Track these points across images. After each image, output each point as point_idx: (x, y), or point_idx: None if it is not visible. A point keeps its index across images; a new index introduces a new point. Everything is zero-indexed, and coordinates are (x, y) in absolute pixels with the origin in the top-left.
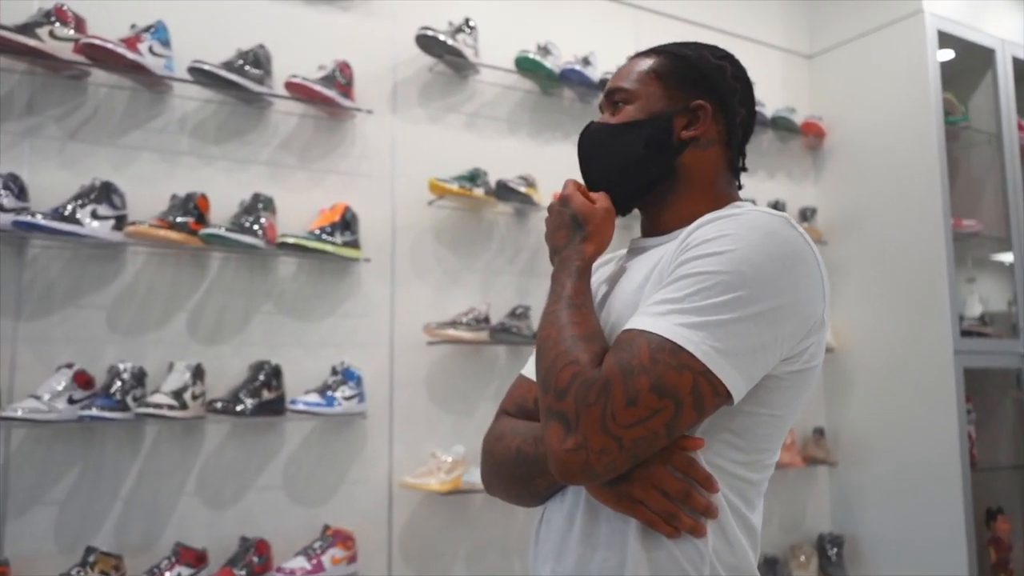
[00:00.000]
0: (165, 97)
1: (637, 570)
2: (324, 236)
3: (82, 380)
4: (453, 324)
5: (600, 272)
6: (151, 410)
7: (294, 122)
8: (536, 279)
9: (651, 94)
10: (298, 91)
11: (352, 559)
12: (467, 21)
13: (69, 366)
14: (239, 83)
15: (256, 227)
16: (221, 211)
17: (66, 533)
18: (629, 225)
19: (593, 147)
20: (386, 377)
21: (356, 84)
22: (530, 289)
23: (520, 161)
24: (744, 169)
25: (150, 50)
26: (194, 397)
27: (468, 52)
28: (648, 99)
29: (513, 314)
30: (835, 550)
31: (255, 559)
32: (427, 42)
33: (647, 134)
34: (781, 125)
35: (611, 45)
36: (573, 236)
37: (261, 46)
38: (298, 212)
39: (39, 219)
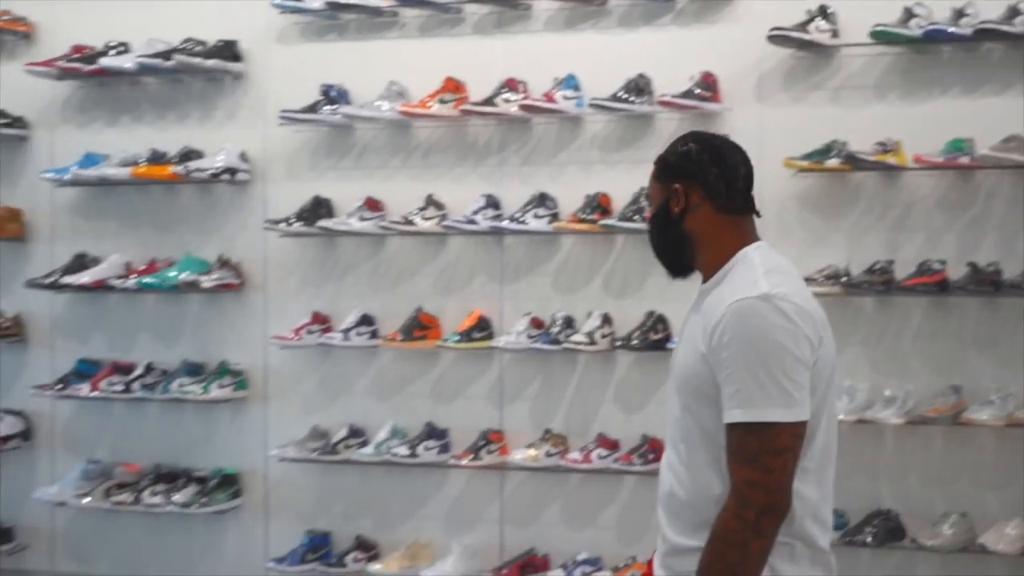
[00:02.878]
0: (579, 123)
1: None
2: None
3: (536, 323)
4: (807, 281)
5: (692, 303)
6: (571, 345)
7: (674, 125)
8: (907, 233)
9: (654, 193)
10: (668, 106)
11: None
12: (823, 8)
13: (527, 314)
14: (625, 109)
15: (636, 216)
16: (623, 202)
17: (535, 418)
18: None
19: (649, 237)
20: None
21: (724, 81)
22: (900, 243)
23: (888, 125)
24: (750, 204)
25: (563, 97)
26: (603, 336)
27: (824, 37)
28: (654, 197)
29: (871, 270)
30: None
31: (650, 453)
32: (779, 40)
33: (658, 223)
34: None
35: None
36: None
37: (642, 75)
38: None
39: (504, 223)
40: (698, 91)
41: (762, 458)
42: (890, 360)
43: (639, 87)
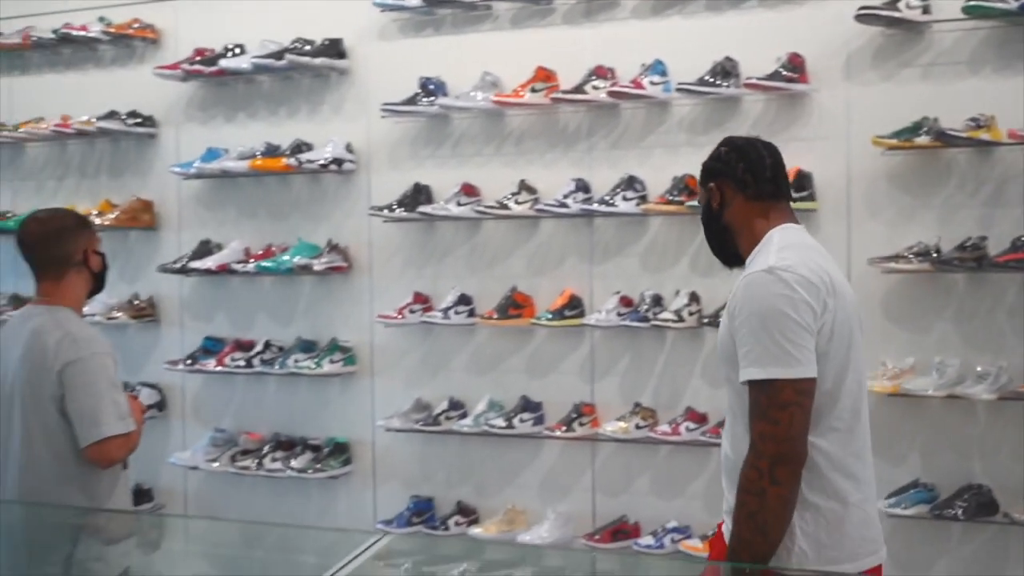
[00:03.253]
0: (666, 107)
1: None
2: None
3: (625, 302)
4: (895, 258)
5: None
6: (660, 323)
7: (760, 106)
8: (1001, 209)
9: (701, 196)
10: (755, 88)
11: None
12: None
13: (617, 293)
14: (712, 93)
15: None
16: None
17: (625, 392)
18: None
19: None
20: None
21: (812, 61)
22: (994, 220)
23: (981, 100)
24: (781, 191)
25: (651, 82)
26: (690, 314)
27: (914, 14)
28: (700, 199)
29: (962, 247)
30: None
31: None
32: (868, 19)
33: (704, 221)
34: None
35: None
36: None
37: (728, 58)
38: None
39: (593, 206)
40: (785, 72)
41: (770, 412)
42: (982, 336)
43: (726, 70)
